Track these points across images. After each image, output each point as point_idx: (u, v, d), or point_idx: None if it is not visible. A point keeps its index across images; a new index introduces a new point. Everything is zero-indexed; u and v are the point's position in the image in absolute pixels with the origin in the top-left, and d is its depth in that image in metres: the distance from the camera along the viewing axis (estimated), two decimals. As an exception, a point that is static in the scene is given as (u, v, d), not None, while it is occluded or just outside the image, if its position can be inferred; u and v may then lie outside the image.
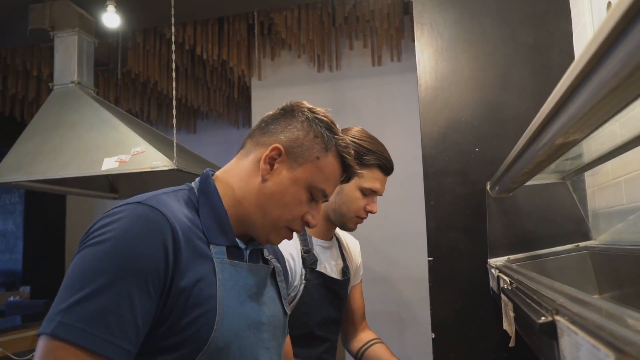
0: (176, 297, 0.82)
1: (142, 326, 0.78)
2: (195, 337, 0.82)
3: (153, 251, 0.79)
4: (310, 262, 1.45)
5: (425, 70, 1.73)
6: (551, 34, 1.64)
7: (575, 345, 0.49)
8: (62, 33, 3.18)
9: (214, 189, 0.96)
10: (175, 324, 0.81)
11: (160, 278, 0.80)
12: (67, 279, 0.78)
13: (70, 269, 0.79)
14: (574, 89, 0.55)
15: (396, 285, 3.83)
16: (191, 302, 0.83)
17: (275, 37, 4.19)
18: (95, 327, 0.73)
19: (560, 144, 0.70)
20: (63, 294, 0.76)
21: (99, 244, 0.78)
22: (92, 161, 2.71)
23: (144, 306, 0.78)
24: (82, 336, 0.73)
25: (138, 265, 0.77)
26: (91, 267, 0.76)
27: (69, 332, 0.72)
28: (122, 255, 0.77)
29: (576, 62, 0.51)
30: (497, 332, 1.52)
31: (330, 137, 0.98)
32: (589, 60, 0.47)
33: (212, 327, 0.83)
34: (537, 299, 0.69)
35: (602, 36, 0.43)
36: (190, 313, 0.82)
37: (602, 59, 0.45)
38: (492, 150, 1.63)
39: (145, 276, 0.78)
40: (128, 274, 0.77)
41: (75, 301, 0.74)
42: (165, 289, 0.81)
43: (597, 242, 1.39)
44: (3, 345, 2.66)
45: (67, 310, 0.74)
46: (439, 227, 1.65)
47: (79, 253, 0.80)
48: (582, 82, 0.52)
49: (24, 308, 4.83)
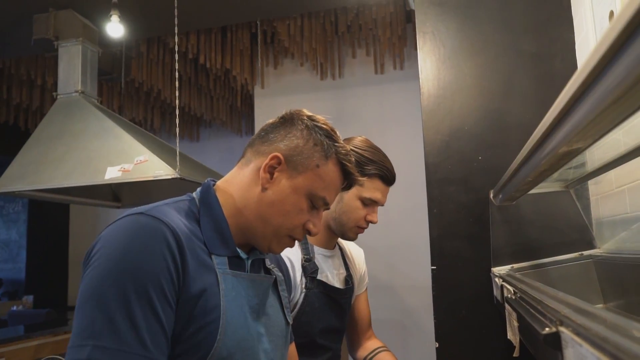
0: (184, 306, 0.81)
1: (169, 335, 0.79)
2: (199, 346, 0.82)
3: (163, 259, 0.79)
4: (311, 271, 1.45)
5: (427, 79, 1.73)
6: (553, 42, 1.64)
7: (580, 357, 0.48)
8: (66, 43, 3.21)
9: (214, 199, 0.96)
10: (181, 332, 0.81)
11: (175, 285, 0.80)
12: (86, 299, 0.76)
13: (85, 289, 0.77)
14: (577, 98, 0.54)
15: (400, 294, 3.81)
16: (197, 311, 0.82)
17: (278, 46, 4.21)
18: (131, 345, 0.73)
19: (563, 153, 0.69)
20: (85, 316, 0.74)
21: (109, 260, 0.77)
22: (95, 170, 2.72)
23: (168, 315, 0.78)
24: (121, 357, 0.72)
25: (153, 274, 0.77)
26: (107, 285, 0.75)
27: (107, 355, 0.71)
28: (134, 267, 0.76)
29: (579, 71, 0.50)
30: (501, 342, 1.50)
31: (330, 144, 0.97)
32: (592, 70, 0.47)
33: (216, 337, 0.83)
34: (541, 309, 0.68)
35: (605, 45, 0.43)
36: (195, 323, 0.82)
37: (606, 67, 0.45)
38: (495, 158, 1.63)
39: (163, 285, 0.78)
40: (146, 285, 0.76)
41: (104, 322, 0.73)
42: (178, 297, 0.81)
43: (601, 251, 1.39)
44: (6, 355, 2.66)
45: (99, 333, 0.72)
46: (442, 235, 1.65)
47: (90, 271, 0.78)
48: (586, 90, 0.51)
49: (27, 318, 4.82)
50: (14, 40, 3.69)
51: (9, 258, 6.01)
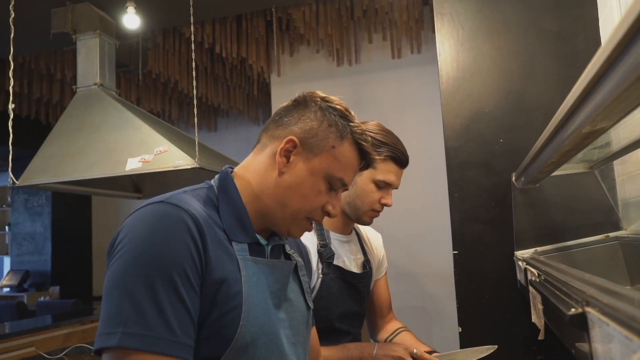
0: (207, 291, 0.82)
1: (195, 320, 0.80)
2: (223, 332, 0.83)
3: (185, 246, 0.80)
4: (327, 257, 1.45)
5: (446, 62, 1.70)
6: (576, 20, 1.60)
7: (607, 337, 0.48)
8: (84, 36, 3.24)
9: (233, 186, 0.96)
10: (204, 318, 0.82)
11: (198, 271, 0.81)
12: (112, 289, 0.77)
13: (111, 279, 0.78)
14: (601, 76, 0.53)
15: (421, 280, 3.80)
16: (220, 297, 0.83)
17: (294, 33, 4.19)
18: (159, 330, 0.74)
19: (587, 133, 0.68)
20: (113, 305, 0.76)
21: (132, 249, 0.78)
22: (116, 162, 2.75)
23: (193, 301, 0.79)
24: (150, 342, 0.73)
25: (176, 261, 0.78)
26: (133, 274, 0.76)
27: (137, 341, 0.73)
28: (158, 256, 0.77)
29: (603, 47, 0.49)
30: (525, 325, 1.49)
31: (345, 124, 0.96)
32: (616, 46, 0.46)
33: (239, 323, 0.84)
34: (566, 290, 0.67)
35: (630, 19, 0.41)
36: (218, 309, 0.83)
37: (630, 43, 0.44)
38: (517, 140, 1.61)
39: (187, 271, 0.79)
40: (170, 272, 0.77)
41: (131, 309, 0.74)
42: (201, 282, 0.82)
43: (627, 232, 1.36)
44: (35, 344, 2.72)
45: (127, 320, 0.74)
46: (464, 220, 1.63)
47: (115, 261, 0.79)
48: (610, 68, 0.50)
49: (54, 308, 4.94)
50: (33, 35, 3.74)
51: (35, 250, 6.14)
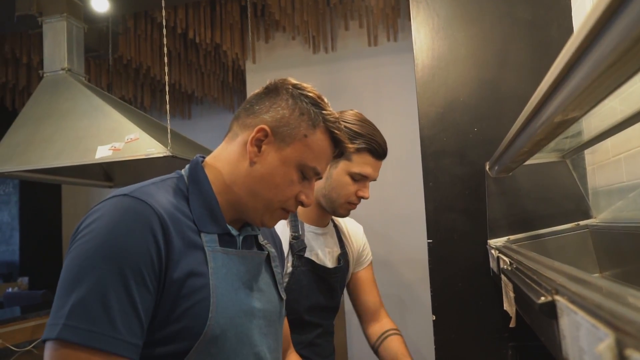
0: (170, 288, 0.81)
1: (145, 319, 0.78)
2: (191, 326, 0.82)
3: (144, 243, 0.78)
4: (298, 249, 1.43)
5: (421, 50, 1.70)
6: (550, 8, 1.61)
7: (575, 325, 0.48)
8: (51, 19, 3.13)
9: (203, 175, 0.94)
10: (169, 315, 0.81)
11: (155, 270, 0.79)
12: (63, 281, 0.76)
13: (65, 270, 0.77)
14: (572, 65, 0.53)
15: (396, 268, 3.83)
16: (184, 292, 0.82)
17: (269, 19, 4.13)
18: (100, 326, 0.73)
19: (559, 122, 0.68)
20: (62, 296, 0.75)
21: (89, 241, 0.77)
22: (85, 150, 2.68)
23: (144, 300, 0.78)
24: (90, 337, 0.72)
25: (132, 258, 0.76)
26: (85, 266, 0.75)
27: (76, 334, 0.72)
28: (113, 251, 0.76)
29: (574, 36, 0.49)
30: (497, 313, 1.51)
31: (317, 113, 0.95)
32: (587, 35, 0.46)
33: (207, 315, 0.83)
34: (536, 279, 0.68)
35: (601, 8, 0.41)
36: (183, 303, 0.82)
37: (601, 32, 0.44)
38: (491, 129, 1.61)
39: (141, 269, 0.77)
40: (123, 269, 0.76)
41: (76, 302, 0.73)
42: (161, 281, 0.80)
43: (597, 221, 1.38)
44: (3, 336, 2.66)
45: (70, 312, 0.72)
46: (438, 208, 1.64)
47: (71, 253, 0.78)
48: (581, 57, 0.50)
49: (23, 299, 4.83)
50: (-3, 18, 3.61)
51: (2, 240, 5.98)
